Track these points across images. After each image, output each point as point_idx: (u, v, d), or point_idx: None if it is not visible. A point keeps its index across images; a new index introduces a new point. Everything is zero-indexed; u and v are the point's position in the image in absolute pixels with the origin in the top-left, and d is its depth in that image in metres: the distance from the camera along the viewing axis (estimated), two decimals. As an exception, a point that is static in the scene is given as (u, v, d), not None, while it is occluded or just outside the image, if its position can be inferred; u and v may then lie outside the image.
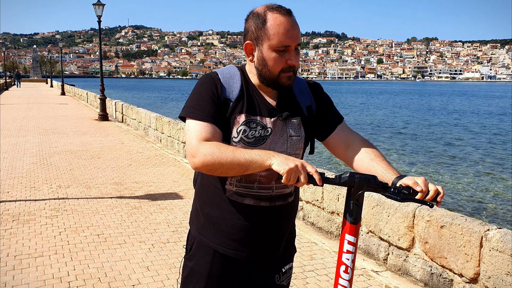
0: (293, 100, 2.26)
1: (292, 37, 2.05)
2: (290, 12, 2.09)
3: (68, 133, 16.90)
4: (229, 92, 2.13)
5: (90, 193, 8.34)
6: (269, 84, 2.14)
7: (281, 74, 2.09)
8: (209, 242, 2.23)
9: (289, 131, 2.18)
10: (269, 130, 2.13)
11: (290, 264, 2.41)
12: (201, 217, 2.28)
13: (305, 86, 2.34)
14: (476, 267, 4.23)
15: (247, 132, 2.09)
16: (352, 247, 1.98)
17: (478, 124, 36.62)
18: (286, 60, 2.07)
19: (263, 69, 2.11)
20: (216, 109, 2.09)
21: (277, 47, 2.04)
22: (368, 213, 5.50)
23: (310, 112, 2.30)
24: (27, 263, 5.27)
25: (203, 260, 2.24)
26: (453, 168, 17.51)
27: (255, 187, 2.15)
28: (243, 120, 2.10)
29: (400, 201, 1.93)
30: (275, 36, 2.04)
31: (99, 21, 21.50)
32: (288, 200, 2.26)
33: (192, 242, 2.31)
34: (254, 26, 2.09)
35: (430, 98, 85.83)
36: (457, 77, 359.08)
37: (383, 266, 5.36)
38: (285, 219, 2.32)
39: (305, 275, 5.10)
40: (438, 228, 4.60)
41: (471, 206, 12.06)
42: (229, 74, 2.19)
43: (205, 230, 2.25)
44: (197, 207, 2.34)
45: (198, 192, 2.34)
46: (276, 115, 2.16)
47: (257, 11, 2.10)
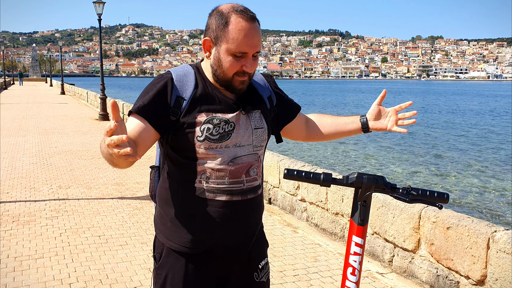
0: (255, 92, 2.27)
1: (251, 45, 2.03)
2: (254, 18, 2.05)
3: (68, 133, 16.87)
4: (181, 91, 2.11)
5: (91, 194, 8.29)
6: (222, 84, 2.12)
7: (235, 77, 2.07)
8: (179, 246, 2.17)
9: (253, 124, 2.18)
10: (232, 124, 2.11)
11: (265, 260, 2.39)
12: (168, 222, 2.22)
13: (262, 78, 2.36)
14: (483, 269, 4.18)
15: (211, 130, 2.07)
16: (359, 249, 1.98)
17: (485, 124, 36.56)
18: (241, 65, 2.05)
19: (217, 69, 2.09)
20: (159, 110, 2.07)
21: (234, 52, 2.02)
22: (373, 214, 5.46)
23: (271, 102, 2.33)
24: (28, 264, 5.22)
25: (176, 266, 2.19)
26: (459, 168, 17.46)
27: (226, 182, 2.12)
28: (204, 118, 2.08)
29: (409, 202, 1.93)
30: (234, 41, 2.01)
31: (99, 19, 21.46)
32: (258, 192, 2.25)
33: (161, 249, 2.24)
34: (216, 24, 2.05)
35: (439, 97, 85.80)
36: (463, 76, 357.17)
37: (388, 268, 5.31)
38: (257, 212, 2.31)
39: (309, 277, 5.05)
40: (444, 229, 4.55)
41: (478, 207, 12.00)
42: (183, 73, 2.17)
43: (174, 235, 2.19)
44: (161, 213, 2.27)
45: (162, 197, 2.27)
46: (238, 109, 2.14)
47: (221, 10, 2.06)
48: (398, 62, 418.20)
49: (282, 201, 7.65)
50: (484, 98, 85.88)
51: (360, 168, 17.05)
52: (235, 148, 2.12)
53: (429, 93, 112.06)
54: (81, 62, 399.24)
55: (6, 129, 17.62)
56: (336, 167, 16.95)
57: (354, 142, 23.60)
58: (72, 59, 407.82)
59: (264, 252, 2.40)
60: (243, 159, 2.14)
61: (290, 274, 5.11)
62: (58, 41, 60.43)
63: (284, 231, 6.56)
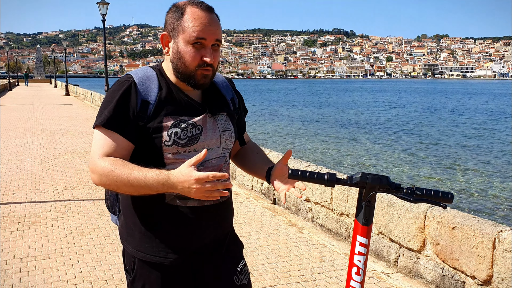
0: (219, 94, 2.24)
1: (208, 31, 1.99)
2: (211, 9, 2.04)
3: (73, 134, 16.91)
4: (146, 94, 2.04)
5: (96, 195, 8.31)
6: (184, 79, 2.06)
7: (198, 70, 2.02)
8: (153, 257, 2.10)
9: (220, 127, 2.15)
10: (199, 128, 2.07)
11: (243, 261, 2.35)
12: (136, 233, 2.13)
13: (223, 79, 2.33)
14: (489, 269, 4.17)
15: (179, 134, 2.02)
16: (364, 249, 1.97)
17: (490, 123, 36.46)
18: (201, 55, 2.00)
19: (178, 62, 2.04)
20: (127, 117, 2.00)
21: (191, 40, 1.98)
22: (378, 214, 5.45)
23: (234, 104, 2.30)
24: (33, 265, 5.24)
25: (151, 277, 2.12)
26: (465, 168, 17.40)
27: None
28: (171, 122, 2.02)
29: (413, 202, 1.91)
30: (189, 28, 1.98)
31: (103, 20, 21.49)
32: (228, 194, 2.17)
33: (132, 262, 2.15)
34: (172, 18, 2.04)
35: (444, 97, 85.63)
36: (469, 75, 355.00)
37: (394, 268, 5.30)
38: (229, 214, 2.30)
39: (314, 277, 5.04)
40: (449, 229, 4.54)
41: (484, 206, 11.95)
42: (145, 75, 2.09)
43: (144, 246, 2.11)
44: (128, 224, 2.17)
45: (127, 206, 2.17)
46: (204, 112, 2.10)
47: (178, 4, 2.06)
48: (403, 61, 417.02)
49: (287, 201, 7.64)
50: (490, 96, 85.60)
51: (365, 168, 17.03)
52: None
53: (434, 92, 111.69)
54: (85, 63, 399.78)
55: (11, 131, 17.67)
56: (341, 167, 16.93)
57: (358, 142, 23.60)
58: (77, 60, 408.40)
59: (240, 254, 2.37)
60: (212, 163, 2.10)
61: (295, 274, 5.11)
62: (62, 42, 60.60)
63: (289, 232, 6.55)
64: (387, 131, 29.69)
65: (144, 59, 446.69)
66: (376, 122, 36.38)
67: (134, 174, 1.88)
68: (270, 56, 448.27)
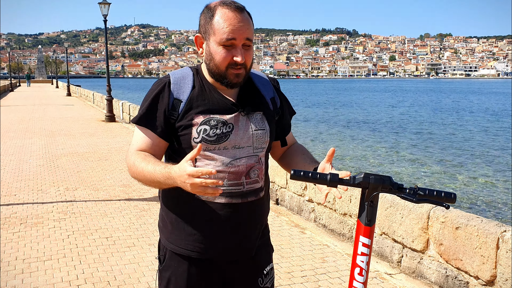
0: (257, 94, 2.26)
1: (238, 31, 2.02)
2: (241, 8, 2.07)
3: (75, 134, 16.91)
4: (178, 93, 2.12)
5: (98, 196, 8.30)
6: (217, 79, 2.11)
7: (229, 70, 2.06)
8: (181, 249, 2.17)
9: (253, 126, 2.16)
10: (230, 126, 2.10)
11: (271, 265, 2.38)
12: (168, 224, 2.23)
13: (266, 79, 2.35)
14: (493, 269, 4.15)
15: (208, 131, 2.07)
16: (366, 249, 1.98)
17: (494, 123, 36.40)
18: (232, 56, 2.04)
19: (210, 63, 2.10)
20: (161, 116, 2.11)
21: (222, 41, 2.02)
22: (382, 214, 5.43)
23: (274, 104, 2.31)
24: (36, 266, 5.24)
25: (179, 269, 2.19)
26: (468, 168, 17.38)
27: (225, 184, 2.11)
28: (201, 119, 2.08)
29: (416, 202, 1.91)
30: (219, 30, 2.02)
31: (105, 20, 21.46)
32: (260, 195, 2.23)
33: (164, 252, 2.25)
34: (204, 19, 2.09)
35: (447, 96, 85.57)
36: (472, 74, 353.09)
37: (397, 269, 5.28)
38: (259, 215, 2.28)
39: (317, 278, 5.03)
40: (453, 229, 4.52)
41: (487, 206, 11.92)
42: (181, 75, 2.18)
43: (175, 238, 2.19)
44: (163, 216, 2.28)
45: (164, 198, 2.28)
46: (237, 110, 2.13)
47: (209, 5, 2.10)
48: (406, 60, 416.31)
49: (289, 201, 7.63)
50: (494, 96, 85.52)
51: (367, 168, 17.02)
52: (234, 149, 2.11)
53: (438, 91, 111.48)
54: (87, 63, 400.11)
55: (13, 131, 17.68)
56: (343, 167, 16.91)
57: (361, 142, 23.58)
58: (78, 61, 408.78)
59: (269, 257, 2.39)
60: (242, 161, 2.13)
61: (298, 275, 5.10)
62: (64, 43, 61.06)
63: (291, 232, 6.54)
64: (390, 131, 29.66)
65: (145, 59, 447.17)
66: (378, 122, 36.37)
67: (148, 167, 1.99)
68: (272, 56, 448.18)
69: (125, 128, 18.91)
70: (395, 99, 75.85)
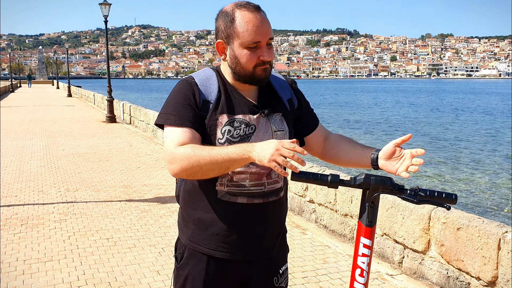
0: (275, 95, 2.27)
1: (262, 33, 2.04)
2: (259, 8, 2.08)
3: (76, 135, 16.90)
4: (207, 94, 2.13)
5: (98, 197, 8.30)
6: (245, 80, 2.12)
7: (256, 68, 2.08)
8: (202, 248, 2.19)
9: (273, 127, 2.18)
10: (253, 127, 2.13)
11: (286, 265, 2.41)
12: (190, 224, 2.23)
13: (283, 80, 2.36)
14: (494, 270, 4.14)
15: (232, 132, 2.09)
16: (367, 250, 1.99)
17: (495, 123, 36.36)
18: (258, 56, 2.06)
19: (236, 67, 2.10)
20: (194, 113, 2.09)
21: (248, 44, 2.04)
22: (383, 215, 5.42)
23: (292, 105, 2.32)
24: (37, 267, 5.23)
25: (197, 267, 2.20)
26: (469, 168, 17.34)
27: (247, 184, 2.13)
28: (226, 120, 2.09)
29: (417, 203, 1.92)
30: (244, 33, 2.03)
31: (105, 21, 21.45)
32: (280, 195, 2.26)
33: (182, 250, 2.26)
34: (224, 25, 2.08)
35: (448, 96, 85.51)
36: (474, 74, 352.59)
37: (398, 270, 5.27)
38: (279, 214, 2.30)
39: (318, 279, 5.02)
40: (454, 230, 4.51)
41: (489, 207, 11.89)
42: (205, 76, 2.18)
43: (196, 237, 2.20)
44: (184, 215, 2.29)
45: (185, 199, 2.29)
46: (258, 112, 2.15)
47: (225, 10, 2.10)
48: (408, 60, 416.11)
49: (290, 202, 7.62)
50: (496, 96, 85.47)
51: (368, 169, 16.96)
52: None
53: (440, 92, 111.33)
54: (88, 64, 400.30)
55: (13, 132, 17.68)
56: (344, 168, 16.88)
57: (363, 143, 23.51)
58: (79, 61, 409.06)
59: (284, 257, 2.42)
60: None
61: (299, 276, 5.09)
62: (65, 43, 61.23)
63: (292, 233, 6.53)
64: (390, 131, 29.64)
65: (146, 59, 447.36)
66: (379, 122, 36.34)
67: (215, 149, 1.95)
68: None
69: (125, 129, 18.91)
70: (398, 99, 75.76)
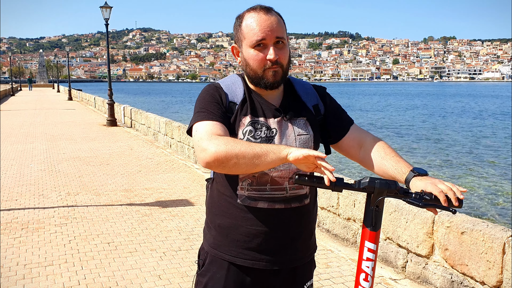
0: (298, 101, 2.25)
1: (266, 30, 2.03)
2: (268, 9, 2.10)
3: (76, 139, 16.87)
4: (233, 96, 2.15)
5: (99, 201, 8.27)
6: (256, 83, 2.13)
7: (266, 71, 2.07)
8: (223, 255, 2.16)
9: (296, 130, 2.16)
10: (274, 131, 2.12)
11: (311, 281, 2.35)
12: (212, 230, 2.23)
13: (310, 87, 2.34)
14: (499, 275, 4.11)
15: (253, 133, 2.08)
16: (372, 255, 1.97)
17: (499, 126, 36.33)
18: (265, 56, 2.05)
19: (246, 69, 2.12)
20: (223, 111, 2.10)
21: (253, 43, 2.05)
22: (386, 219, 5.39)
23: (318, 110, 2.28)
24: (37, 272, 5.20)
25: (217, 275, 2.17)
26: (473, 172, 17.30)
27: (267, 189, 2.10)
28: (248, 121, 2.10)
29: (422, 207, 1.89)
30: (249, 33, 2.06)
31: (106, 24, 21.45)
32: (304, 202, 2.19)
33: (204, 257, 2.25)
34: (235, 29, 2.15)
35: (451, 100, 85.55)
36: (477, 77, 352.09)
37: (402, 274, 5.24)
38: (303, 223, 2.23)
39: (321, 284, 4.99)
40: (458, 234, 4.48)
41: (493, 211, 11.84)
42: (231, 81, 2.21)
43: (218, 244, 2.19)
44: (208, 222, 2.29)
45: (208, 204, 2.29)
46: (280, 116, 2.14)
47: (239, 15, 2.15)
48: (410, 63, 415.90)
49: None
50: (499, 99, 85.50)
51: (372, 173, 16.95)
52: None
53: (444, 95, 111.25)
54: (88, 68, 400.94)
55: (14, 136, 17.66)
56: (348, 172, 16.87)
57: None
58: (79, 65, 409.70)
59: (311, 273, 2.36)
60: (285, 166, 2.09)
61: (302, 280, 5.05)
62: (65, 47, 60.77)
63: (294, 237, 6.49)
64: (394, 135, 29.62)
65: (147, 63, 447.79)
66: (382, 125, 36.32)
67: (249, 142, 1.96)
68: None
69: (126, 133, 18.89)
70: (399, 102, 75.78)
